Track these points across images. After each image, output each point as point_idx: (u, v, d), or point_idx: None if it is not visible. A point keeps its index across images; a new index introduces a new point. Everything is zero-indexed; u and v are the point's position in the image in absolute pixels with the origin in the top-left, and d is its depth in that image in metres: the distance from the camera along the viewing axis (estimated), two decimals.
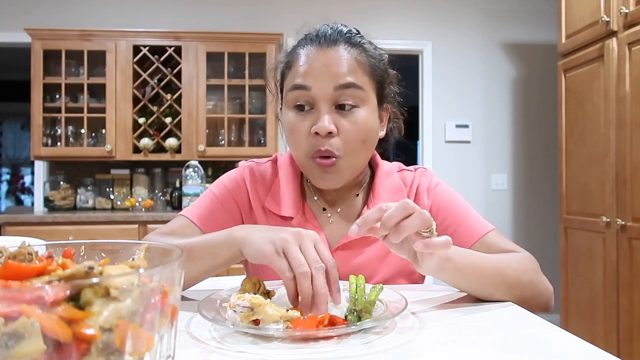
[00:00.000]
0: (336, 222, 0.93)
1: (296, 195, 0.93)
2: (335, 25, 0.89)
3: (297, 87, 0.84)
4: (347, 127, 0.83)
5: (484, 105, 3.61)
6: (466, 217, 0.91)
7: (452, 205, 0.93)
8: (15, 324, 0.30)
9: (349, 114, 0.83)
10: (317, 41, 0.86)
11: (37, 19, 3.31)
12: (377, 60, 0.89)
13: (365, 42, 0.89)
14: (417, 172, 0.99)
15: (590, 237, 2.40)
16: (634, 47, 2.11)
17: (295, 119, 0.85)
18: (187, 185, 2.82)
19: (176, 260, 0.40)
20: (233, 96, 3.36)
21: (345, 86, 0.82)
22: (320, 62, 0.83)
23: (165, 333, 0.39)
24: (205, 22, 3.42)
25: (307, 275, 0.62)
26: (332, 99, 0.83)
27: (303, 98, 0.84)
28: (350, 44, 0.86)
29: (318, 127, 0.82)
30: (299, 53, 0.87)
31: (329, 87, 0.82)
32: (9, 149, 7.33)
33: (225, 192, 0.95)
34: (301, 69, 0.84)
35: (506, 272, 0.77)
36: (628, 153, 2.13)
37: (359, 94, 0.84)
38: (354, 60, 0.84)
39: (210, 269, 0.77)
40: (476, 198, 3.57)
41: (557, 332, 0.62)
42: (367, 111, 0.85)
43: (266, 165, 0.98)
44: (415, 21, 3.57)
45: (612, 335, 2.23)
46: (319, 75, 0.83)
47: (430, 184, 0.97)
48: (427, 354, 0.54)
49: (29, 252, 0.42)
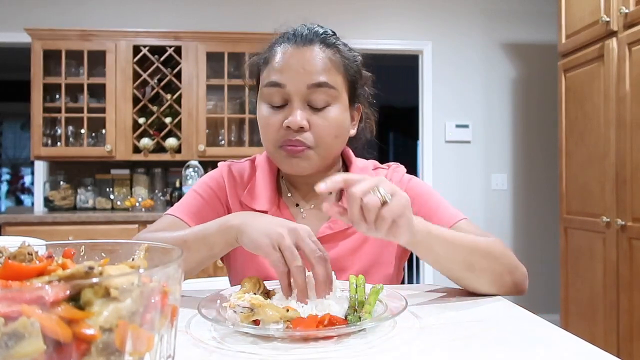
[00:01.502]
0: (308, 218, 0.96)
1: (272, 191, 0.96)
2: (312, 25, 0.93)
3: (272, 84, 0.88)
4: (319, 123, 0.87)
5: (484, 105, 3.61)
6: (438, 208, 0.94)
7: (424, 197, 0.96)
8: (15, 324, 0.30)
9: (321, 111, 0.87)
10: (293, 40, 0.90)
11: (37, 19, 3.31)
12: (351, 61, 0.93)
13: (340, 43, 0.93)
14: (391, 169, 1.03)
15: (590, 237, 2.40)
16: (634, 47, 2.11)
17: (269, 112, 0.89)
18: (187, 185, 2.82)
19: (176, 260, 0.40)
20: (233, 96, 3.35)
21: (317, 85, 0.86)
22: (295, 60, 0.87)
23: (165, 333, 0.39)
24: (205, 22, 3.42)
25: (301, 269, 0.66)
26: (305, 97, 0.87)
27: (278, 94, 0.88)
28: (325, 44, 0.90)
29: (290, 122, 0.85)
30: (276, 50, 0.90)
31: (302, 85, 0.86)
32: (9, 149, 7.33)
33: (208, 190, 0.98)
34: (277, 65, 0.88)
35: (479, 244, 0.80)
36: (628, 153, 2.13)
37: (331, 92, 0.87)
38: (328, 60, 0.88)
39: (207, 258, 0.80)
40: (476, 198, 3.57)
41: (557, 332, 0.62)
42: (339, 109, 0.89)
43: (244, 164, 1.03)
44: (415, 21, 3.57)
45: (612, 335, 2.23)
46: (294, 73, 0.86)
47: (403, 178, 1.00)
48: (427, 354, 0.54)
49: (29, 252, 0.42)
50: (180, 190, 3.19)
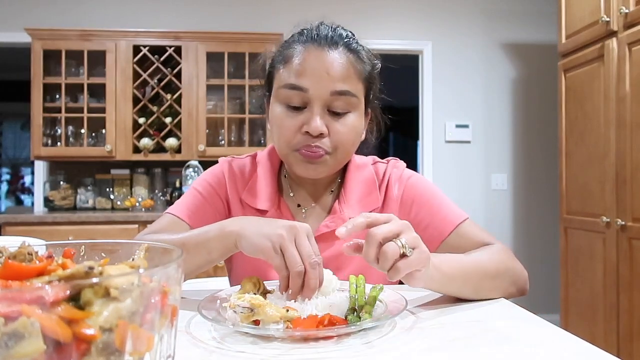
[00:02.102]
0: (308, 217, 0.95)
1: (272, 190, 0.95)
2: (335, 26, 0.89)
3: (293, 87, 0.83)
4: (339, 129, 0.85)
5: (484, 105, 3.61)
6: (440, 208, 0.92)
7: (425, 197, 0.94)
8: (15, 324, 0.30)
9: (341, 117, 0.85)
10: (317, 41, 0.85)
11: (37, 19, 3.31)
12: (371, 68, 0.91)
13: (362, 48, 0.90)
14: (390, 164, 1.01)
15: (590, 237, 2.40)
16: (634, 47, 2.11)
17: (286, 115, 0.85)
18: (187, 185, 2.82)
19: (176, 261, 0.40)
20: (233, 96, 3.36)
21: (340, 93, 0.83)
22: (319, 64, 0.83)
23: (165, 333, 0.39)
24: (205, 22, 3.42)
25: (300, 274, 0.65)
26: (326, 102, 0.84)
27: (297, 97, 0.84)
28: (349, 49, 0.86)
29: (310, 127, 0.82)
30: (296, 49, 0.86)
31: (325, 91, 0.82)
32: (9, 149, 7.33)
33: (208, 188, 0.97)
34: (299, 67, 0.84)
35: (487, 267, 0.79)
36: (628, 153, 2.13)
37: (353, 100, 0.85)
38: (351, 66, 0.85)
39: (205, 263, 0.79)
40: (476, 198, 3.57)
41: (557, 332, 0.62)
42: (357, 116, 0.87)
43: (245, 160, 1.00)
44: (415, 21, 3.57)
45: (612, 335, 2.23)
46: (318, 77, 0.82)
47: (402, 175, 0.97)
48: (427, 354, 0.54)
49: (29, 252, 0.42)
50: (180, 190, 3.19)
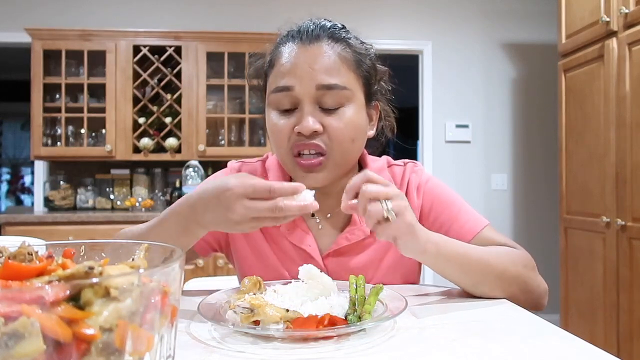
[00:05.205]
0: (325, 229, 0.90)
1: None
2: (318, 20, 0.86)
3: (279, 89, 0.81)
4: (334, 125, 0.80)
5: (484, 105, 3.61)
6: (459, 214, 0.89)
7: (445, 202, 0.91)
8: (15, 324, 0.30)
9: (335, 112, 0.80)
10: (298, 37, 0.82)
11: (37, 19, 3.31)
12: (364, 55, 0.85)
13: (351, 36, 0.85)
14: (407, 167, 0.96)
15: (590, 237, 2.40)
16: (634, 47, 2.11)
17: (278, 119, 0.82)
18: (187, 185, 2.82)
19: (176, 260, 0.40)
20: (233, 96, 3.35)
21: (327, 87, 0.79)
22: (302, 60, 0.80)
23: (165, 333, 0.39)
24: (205, 22, 3.42)
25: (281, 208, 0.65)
26: (315, 98, 0.80)
27: (286, 99, 0.81)
28: (333, 39, 0.82)
29: (301, 127, 0.78)
30: (280, 51, 0.84)
31: (311, 86, 0.79)
32: (9, 149, 7.33)
33: None
34: (283, 68, 0.81)
35: (492, 263, 0.76)
36: (628, 153, 2.13)
37: (344, 93, 0.80)
38: (338, 57, 0.81)
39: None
40: (476, 198, 3.57)
41: (557, 332, 0.62)
42: (354, 109, 0.82)
43: (255, 164, 0.96)
44: (415, 21, 3.57)
45: (612, 335, 2.23)
46: (301, 74, 0.79)
47: (421, 181, 0.94)
48: (427, 354, 0.54)
49: (29, 252, 0.42)
50: (180, 190, 3.19)
